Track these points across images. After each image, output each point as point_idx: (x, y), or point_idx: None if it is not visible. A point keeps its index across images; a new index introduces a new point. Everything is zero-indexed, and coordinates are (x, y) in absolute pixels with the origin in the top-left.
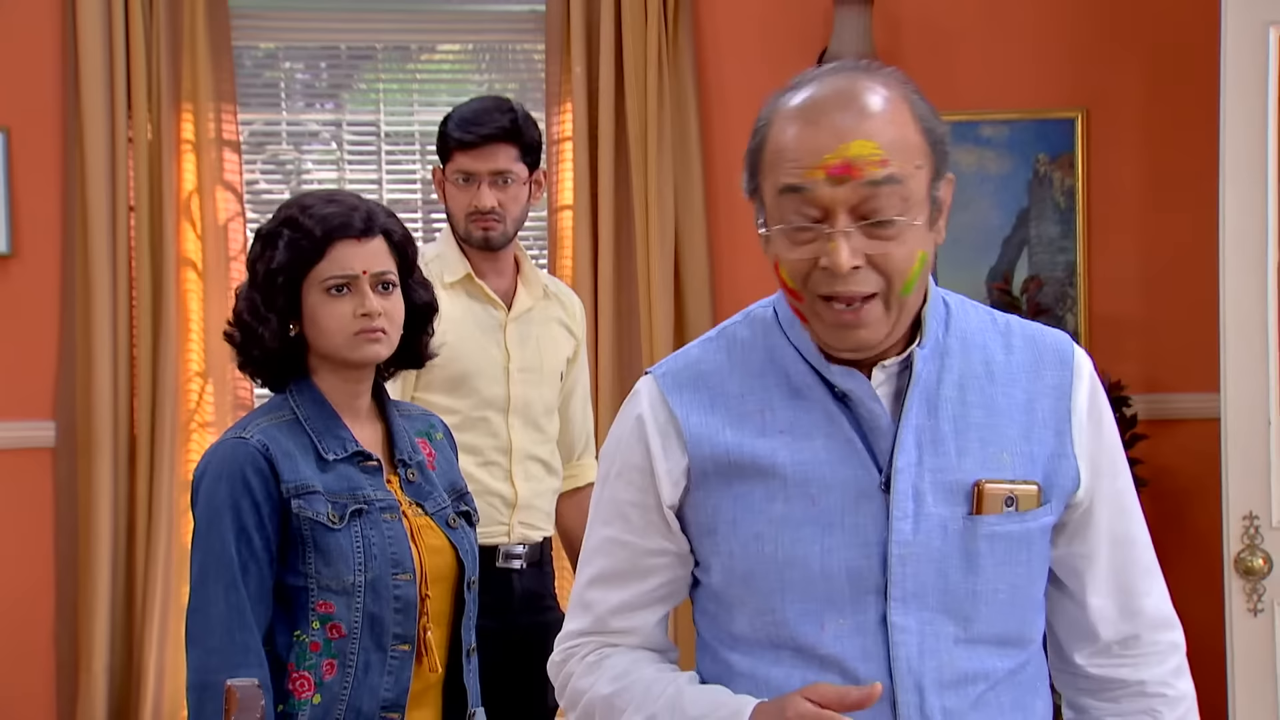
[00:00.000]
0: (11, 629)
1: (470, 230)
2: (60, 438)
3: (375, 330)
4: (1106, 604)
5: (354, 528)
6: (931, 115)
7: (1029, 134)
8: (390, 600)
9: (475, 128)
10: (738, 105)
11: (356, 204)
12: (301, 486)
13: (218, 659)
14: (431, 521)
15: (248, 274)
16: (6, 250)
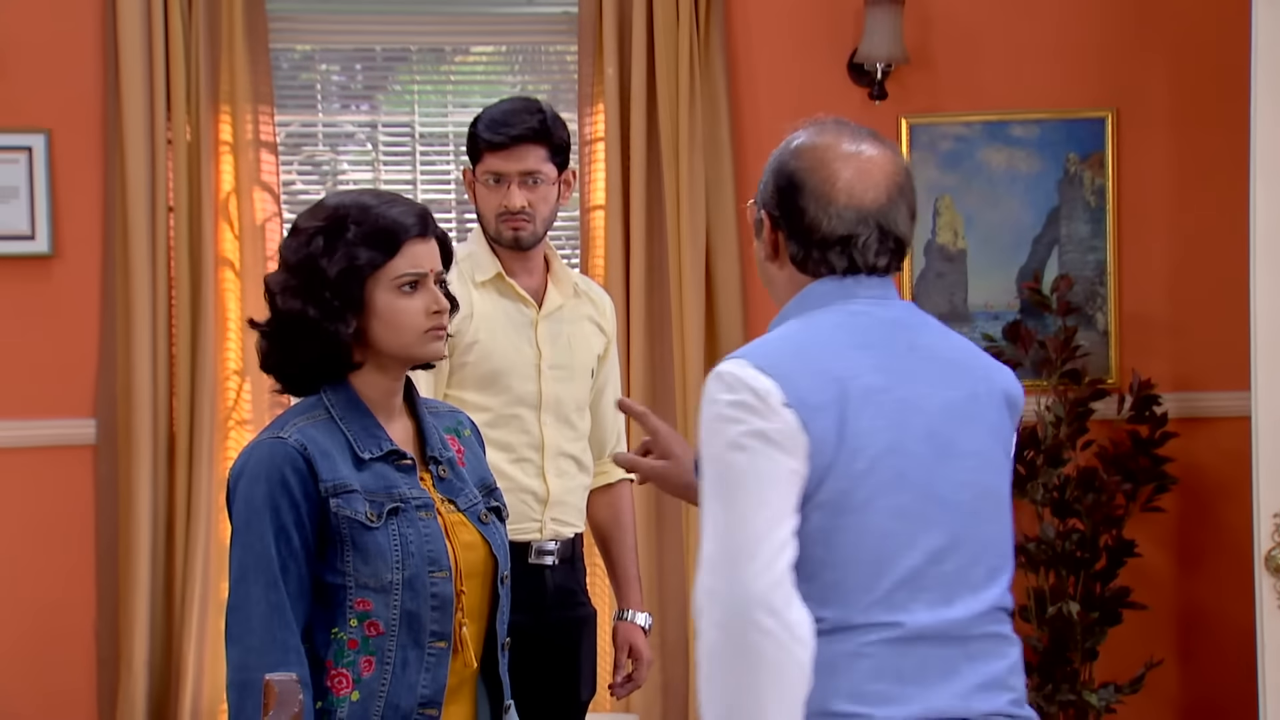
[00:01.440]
0: (54, 623)
1: (500, 230)
2: (101, 435)
3: (442, 327)
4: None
5: (391, 526)
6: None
7: (1059, 133)
8: (427, 598)
9: (504, 129)
10: (769, 105)
11: (413, 203)
12: (340, 486)
13: (258, 657)
14: (464, 518)
15: (302, 271)
16: (48, 251)
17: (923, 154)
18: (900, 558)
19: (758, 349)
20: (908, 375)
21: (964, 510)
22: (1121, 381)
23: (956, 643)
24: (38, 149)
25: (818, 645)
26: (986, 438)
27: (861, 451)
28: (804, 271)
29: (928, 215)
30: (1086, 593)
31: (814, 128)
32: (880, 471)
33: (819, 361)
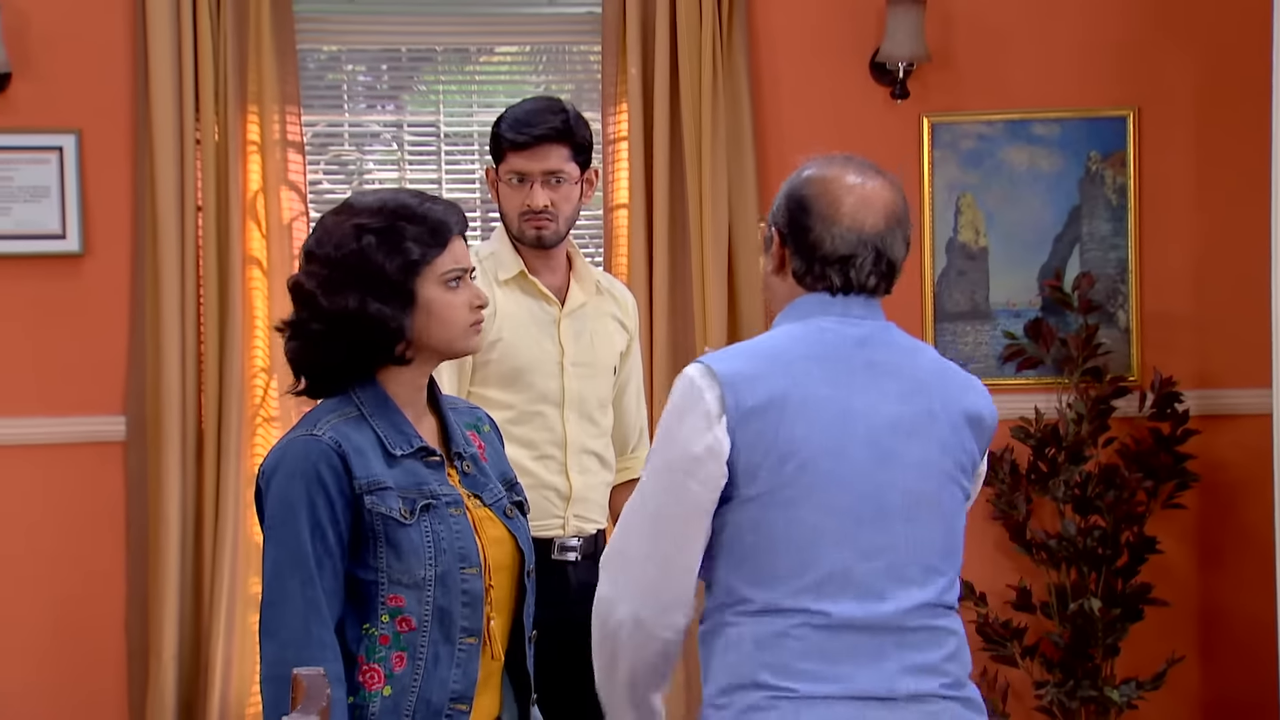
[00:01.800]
0: (84, 617)
1: (523, 229)
2: (130, 432)
3: (482, 321)
4: None
5: (424, 523)
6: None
7: (1081, 132)
8: (458, 594)
9: (528, 129)
10: (791, 105)
11: (449, 202)
12: (374, 483)
13: (294, 652)
14: (490, 513)
15: (358, 269)
16: (79, 249)
17: (944, 152)
18: (831, 551)
19: (721, 355)
20: (857, 388)
21: (901, 515)
22: (1143, 379)
23: (888, 633)
24: (68, 149)
25: (748, 622)
26: (934, 451)
27: (793, 455)
28: (802, 285)
29: (949, 214)
30: (1108, 589)
31: (824, 160)
32: (812, 473)
33: (770, 370)
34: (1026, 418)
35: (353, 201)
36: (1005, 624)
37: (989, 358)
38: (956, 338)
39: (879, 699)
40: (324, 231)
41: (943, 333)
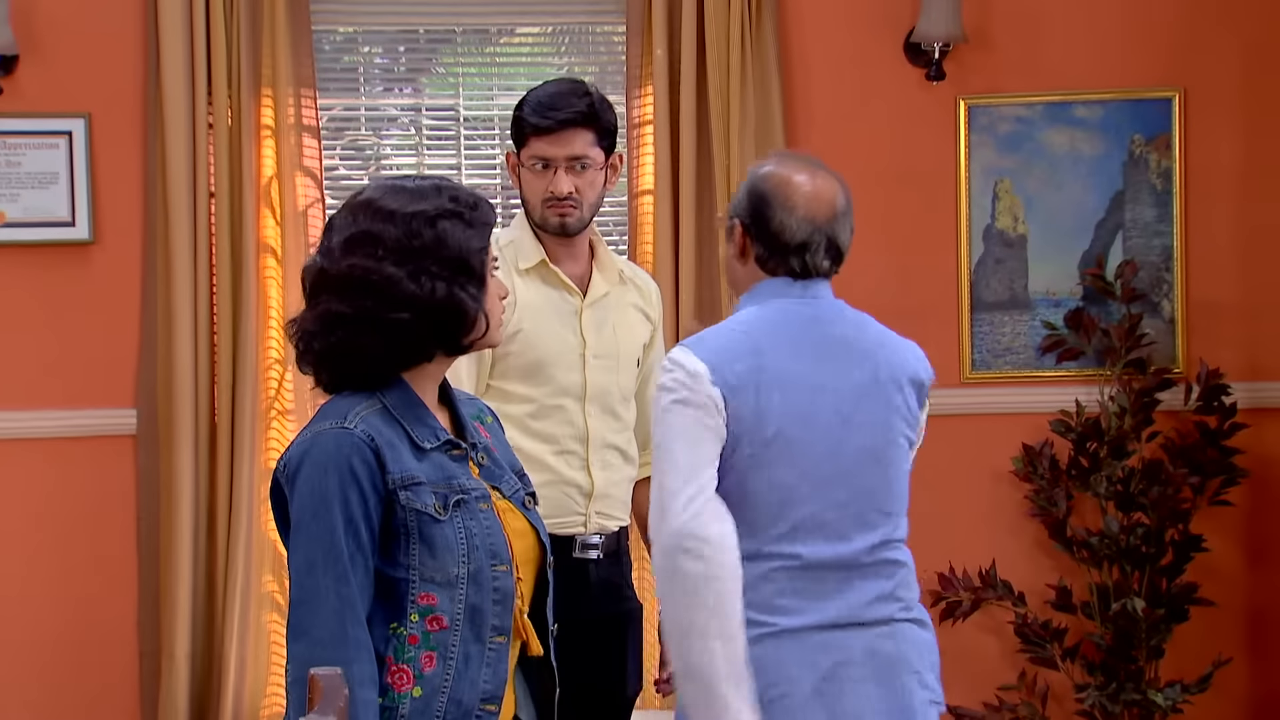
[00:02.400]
0: (95, 615)
1: (546, 216)
2: (141, 425)
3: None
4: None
5: (457, 519)
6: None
7: (1124, 114)
8: (490, 591)
9: (552, 112)
10: (822, 87)
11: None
12: (408, 478)
13: (328, 652)
14: (511, 504)
15: (446, 257)
16: (88, 237)
17: (981, 136)
18: (802, 504)
19: (700, 340)
20: (819, 361)
21: (860, 469)
22: (1188, 371)
23: (852, 569)
24: (78, 133)
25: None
26: (883, 411)
27: (770, 423)
28: (764, 269)
29: (987, 200)
30: (1152, 589)
31: (778, 157)
32: (785, 439)
33: (744, 351)
34: (1067, 411)
35: (394, 185)
36: (1045, 625)
37: (1028, 349)
38: (994, 328)
39: (847, 625)
40: (381, 215)
41: (979, 323)
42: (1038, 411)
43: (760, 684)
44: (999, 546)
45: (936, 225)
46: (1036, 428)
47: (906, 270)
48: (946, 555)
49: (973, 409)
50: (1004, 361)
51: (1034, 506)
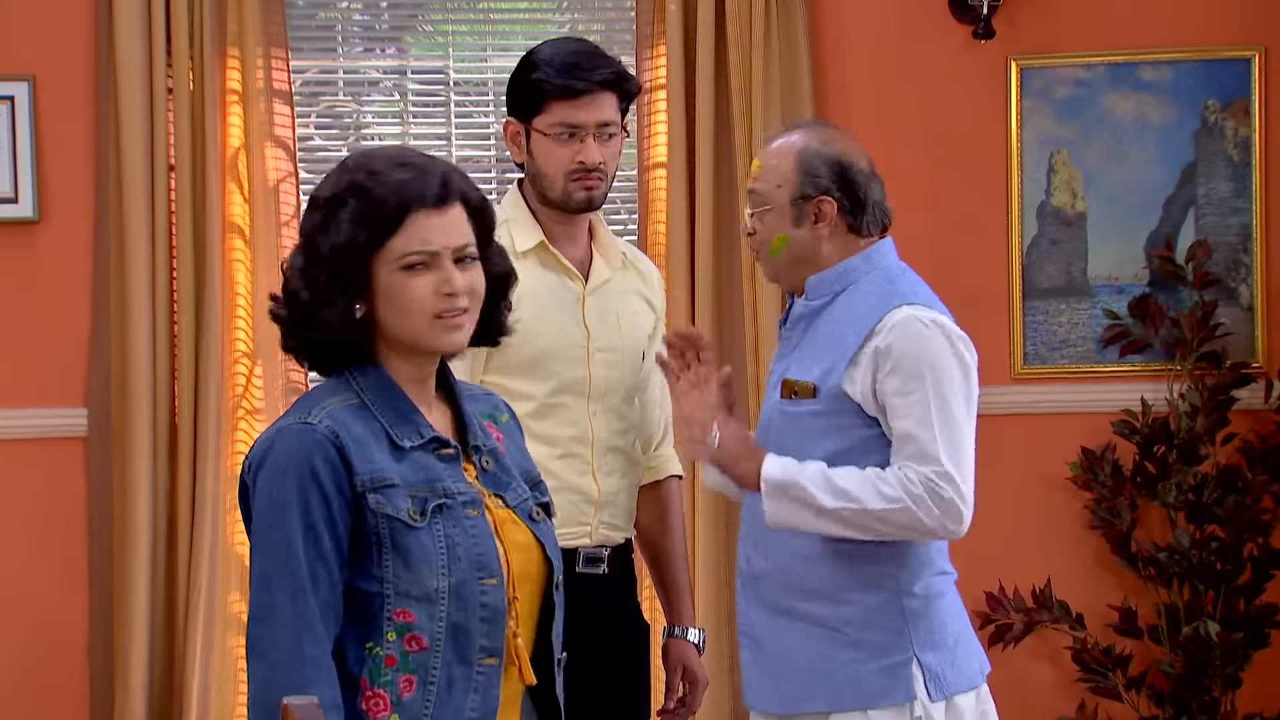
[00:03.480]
0: (41, 639)
1: (571, 190)
2: (93, 427)
3: (458, 313)
4: None
5: (436, 526)
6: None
7: (1196, 77)
8: (476, 608)
9: (585, 74)
10: (857, 46)
11: (430, 166)
12: (378, 479)
13: (284, 674)
14: (514, 515)
15: (304, 246)
16: (33, 215)
17: (1035, 101)
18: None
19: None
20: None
21: None
22: (1269, 365)
23: None
24: (20, 99)
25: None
26: None
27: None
28: (855, 234)
29: (1041, 173)
30: (1228, 610)
31: (804, 131)
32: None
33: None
34: (1131, 410)
35: (343, 163)
36: (1107, 650)
37: (1087, 340)
38: (1049, 317)
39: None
40: (309, 201)
41: (1032, 311)
42: (1098, 411)
43: (961, 622)
44: (1055, 563)
45: (984, 202)
46: (1097, 429)
47: (950, 252)
48: (995, 572)
49: (1025, 408)
50: (1060, 355)
51: (1094, 518)
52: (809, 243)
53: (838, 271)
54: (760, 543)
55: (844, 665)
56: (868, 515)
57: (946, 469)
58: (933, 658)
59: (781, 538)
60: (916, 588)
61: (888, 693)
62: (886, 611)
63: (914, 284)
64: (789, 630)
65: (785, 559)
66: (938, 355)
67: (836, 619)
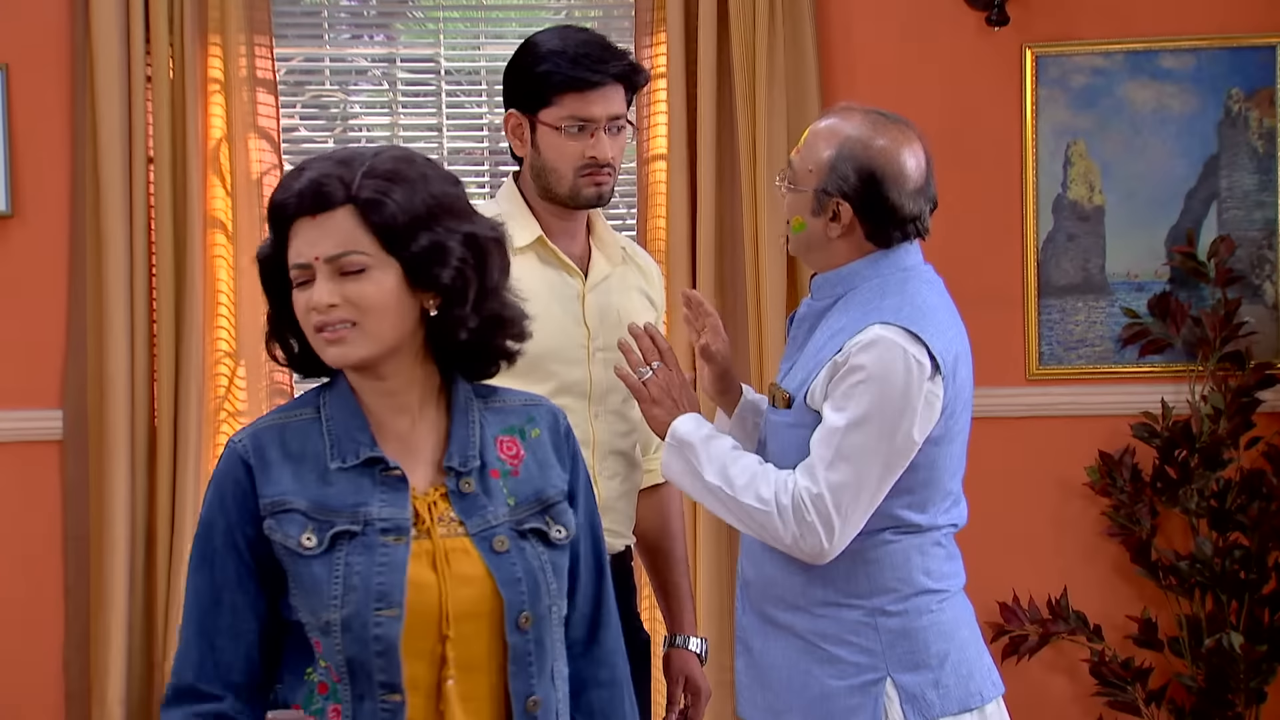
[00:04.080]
0: (14, 652)
1: (580, 186)
2: (69, 429)
3: (331, 327)
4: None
5: (337, 554)
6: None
7: (1219, 65)
8: (370, 641)
9: (598, 66)
10: (864, 33)
11: (317, 167)
12: (276, 503)
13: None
14: (470, 544)
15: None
16: (5, 209)
17: (1051, 91)
18: (959, 473)
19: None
20: (961, 327)
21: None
22: None
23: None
24: None
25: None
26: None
27: (957, 398)
28: (873, 242)
29: (1057, 166)
30: (1252, 621)
31: (861, 119)
32: (961, 414)
33: (947, 329)
34: (1151, 413)
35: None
36: (1125, 663)
37: (1105, 340)
38: (1065, 315)
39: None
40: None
41: (1048, 310)
42: (1116, 414)
43: (954, 642)
44: (1071, 572)
45: (998, 196)
46: (1115, 433)
47: (962, 248)
48: (1009, 581)
49: (1040, 410)
50: (1077, 355)
51: (1112, 525)
52: (820, 236)
53: (842, 274)
54: (749, 551)
55: (818, 680)
56: (736, 505)
57: (821, 492)
58: (911, 679)
59: (764, 547)
60: (893, 606)
61: (857, 711)
62: (861, 629)
63: (907, 298)
64: (774, 639)
65: (767, 568)
66: (881, 387)
67: (813, 632)
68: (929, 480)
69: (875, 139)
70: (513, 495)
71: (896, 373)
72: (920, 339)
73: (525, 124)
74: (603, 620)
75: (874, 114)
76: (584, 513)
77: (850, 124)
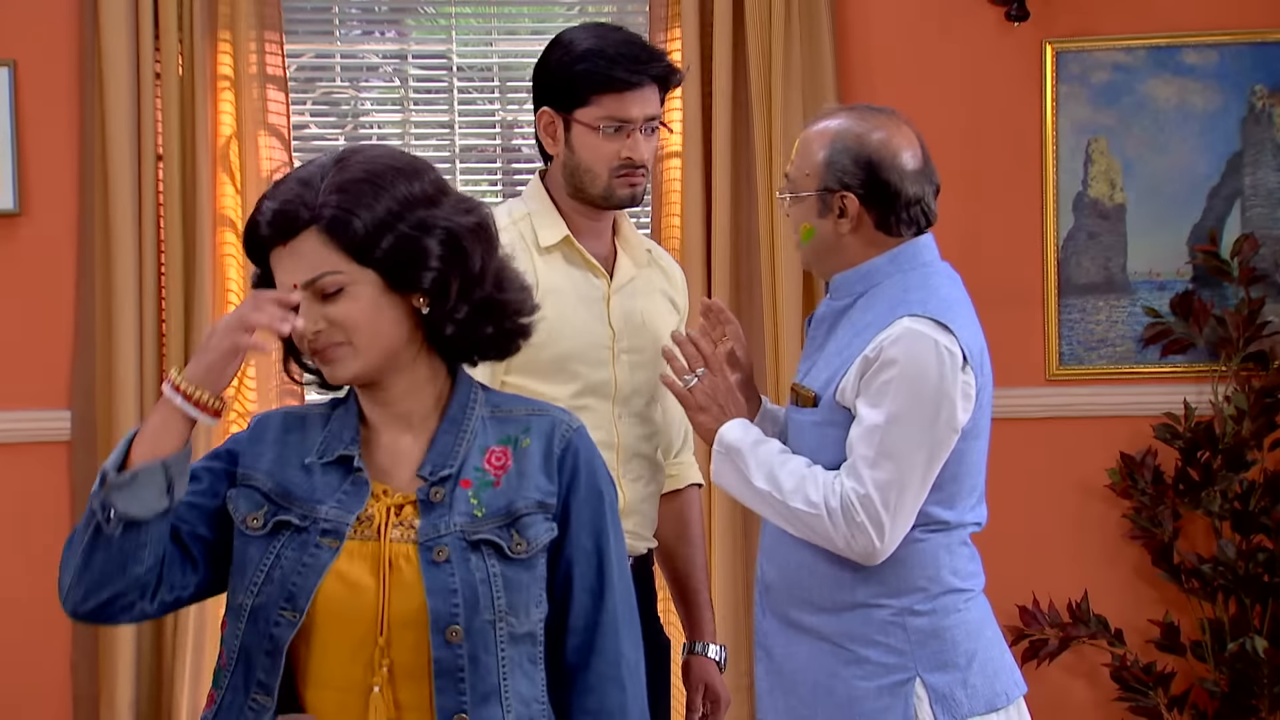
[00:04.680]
0: (21, 656)
1: (615, 186)
2: (76, 429)
3: (323, 350)
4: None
5: (275, 542)
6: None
7: (1243, 61)
8: (265, 639)
9: (638, 67)
10: (881, 28)
11: (279, 198)
12: (246, 475)
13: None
14: (414, 551)
15: None
16: (13, 208)
17: (1072, 87)
18: (983, 471)
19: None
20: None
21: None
22: None
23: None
24: (0, 84)
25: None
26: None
27: (984, 390)
28: (882, 230)
29: (1078, 163)
30: (1275, 625)
31: (853, 115)
32: (986, 410)
33: (972, 322)
34: (1173, 414)
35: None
36: (1147, 668)
37: (1126, 340)
38: (1086, 315)
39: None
40: None
41: (1068, 309)
42: (1138, 415)
43: (981, 642)
44: (1092, 575)
45: (1018, 193)
46: (1137, 434)
47: (981, 247)
48: (1029, 585)
49: (1060, 411)
50: (1098, 356)
51: (1134, 527)
52: (832, 236)
53: (861, 272)
54: (772, 553)
55: (845, 682)
56: (786, 509)
57: (868, 492)
58: (940, 679)
59: (788, 549)
60: (921, 605)
61: (886, 713)
62: (889, 629)
63: (931, 291)
64: (797, 642)
65: (792, 570)
66: (916, 379)
67: (839, 634)
68: (958, 475)
69: (865, 128)
70: (483, 506)
71: (930, 364)
72: (950, 329)
73: (559, 122)
74: (597, 645)
75: (859, 108)
76: (585, 531)
77: (837, 121)
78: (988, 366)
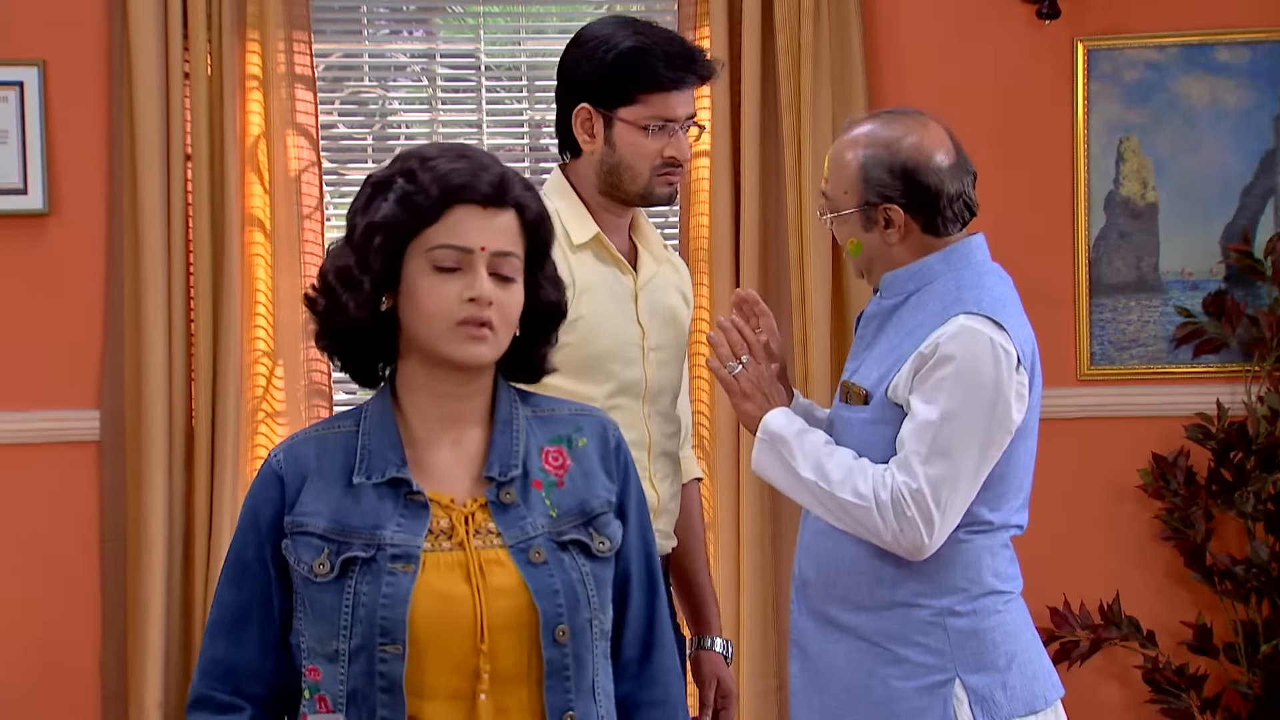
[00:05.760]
0: (50, 655)
1: (656, 184)
2: (106, 429)
3: (482, 323)
4: None
5: (348, 581)
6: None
7: (1276, 58)
8: (376, 676)
9: (687, 67)
10: (911, 26)
11: (489, 164)
12: (297, 523)
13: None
14: (506, 555)
15: (347, 228)
16: (43, 207)
17: (1104, 85)
18: (1030, 473)
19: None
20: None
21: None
22: None
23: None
24: (30, 84)
25: (980, 538)
26: None
27: (1034, 391)
28: (929, 233)
29: (1110, 161)
30: None
31: (874, 123)
32: (1035, 411)
33: (1025, 323)
34: (1206, 414)
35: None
36: (1180, 670)
37: (1158, 340)
38: (1117, 315)
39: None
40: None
41: (1100, 309)
42: (1170, 415)
43: (1020, 644)
44: (1124, 576)
45: (1049, 192)
46: (1169, 434)
47: (1012, 246)
48: (1060, 586)
49: (1092, 412)
50: (1130, 355)
51: (1166, 528)
52: (880, 247)
53: (912, 270)
54: (811, 550)
55: (883, 682)
56: (833, 500)
57: (920, 487)
58: (980, 680)
59: (828, 546)
60: (962, 606)
61: (925, 713)
62: (930, 629)
63: (985, 290)
64: (835, 641)
65: (830, 568)
66: (972, 376)
67: (879, 633)
68: (1005, 475)
69: (894, 135)
70: (555, 506)
71: (985, 362)
72: (1004, 328)
73: (598, 120)
74: (656, 640)
75: (883, 114)
76: (636, 529)
77: (863, 132)
78: (1038, 367)
